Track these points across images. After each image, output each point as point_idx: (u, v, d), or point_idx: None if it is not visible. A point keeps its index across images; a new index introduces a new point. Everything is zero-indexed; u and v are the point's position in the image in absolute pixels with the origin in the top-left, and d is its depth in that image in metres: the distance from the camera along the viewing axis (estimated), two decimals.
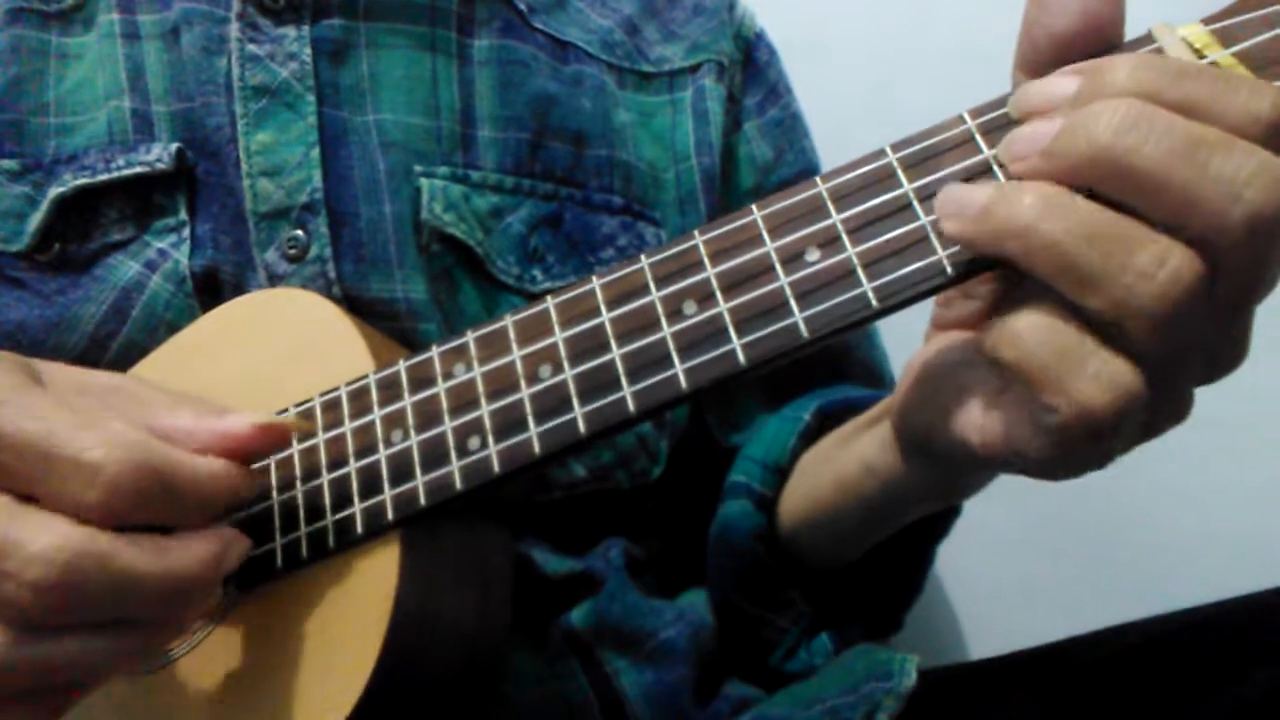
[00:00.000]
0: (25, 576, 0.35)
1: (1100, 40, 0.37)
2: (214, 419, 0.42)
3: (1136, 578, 0.78)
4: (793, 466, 0.62)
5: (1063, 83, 0.36)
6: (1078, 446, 0.35)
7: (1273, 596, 0.48)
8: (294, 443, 0.46)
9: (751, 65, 0.73)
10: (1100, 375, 0.33)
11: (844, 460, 0.56)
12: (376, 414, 0.45)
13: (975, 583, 0.84)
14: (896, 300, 0.37)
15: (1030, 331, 0.35)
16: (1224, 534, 0.76)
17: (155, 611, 0.39)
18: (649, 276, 0.42)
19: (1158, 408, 0.36)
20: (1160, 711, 0.46)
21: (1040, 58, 0.38)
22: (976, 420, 0.40)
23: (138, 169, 0.56)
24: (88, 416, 0.38)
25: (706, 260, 0.41)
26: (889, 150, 0.39)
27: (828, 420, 0.63)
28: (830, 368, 0.69)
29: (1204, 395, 0.38)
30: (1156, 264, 0.32)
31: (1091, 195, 0.34)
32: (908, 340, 0.52)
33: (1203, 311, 0.33)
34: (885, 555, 0.61)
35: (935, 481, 0.49)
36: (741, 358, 0.39)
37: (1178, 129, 0.32)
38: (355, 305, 0.56)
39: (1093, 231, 0.33)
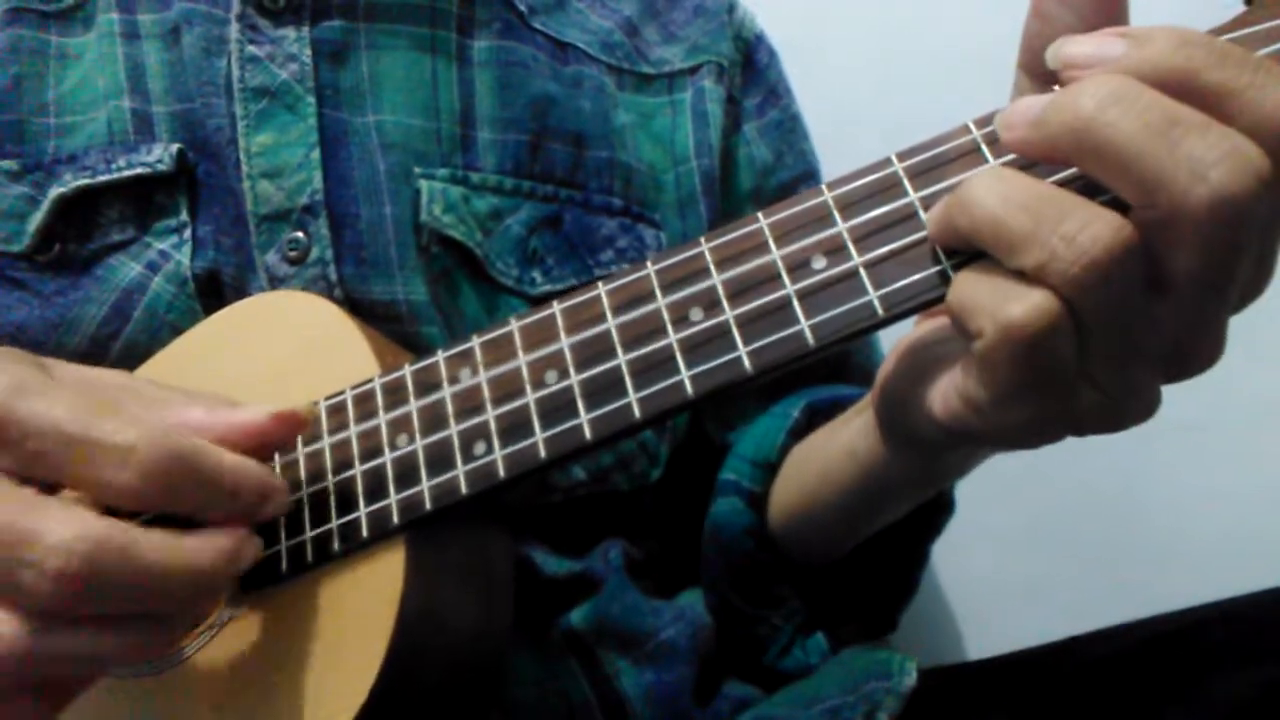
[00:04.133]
0: (46, 566, 0.35)
1: None
2: (228, 411, 0.42)
3: (1136, 578, 0.78)
4: (782, 462, 0.62)
5: (1109, 45, 0.35)
6: (1003, 375, 0.36)
7: (1273, 596, 0.48)
8: (299, 446, 0.46)
9: (751, 67, 0.73)
10: (1023, 299, 0.34)
11: (829, 450, 0.56)
12: (382, 418, 0.45)
13: (975, 583, 0.84)
14: (902, 309, 0.38)
15: (967, 277, 0.36)
16: (1224, 534, 0.76)
17: (170, 606, 0.39)
18: (655, 283, 0.42)
19: (1117, 396, 0.36)
20: (1160, 711, 0.47)
21: (1042, 66, 0.38)
22: (941, 386, 0.40)
23: (138, 169, 0.56)
24: (110, 405, 0.38)
25: (713, 267, 0.41)
26: (895, 159, 0.39)
27: (817, 416, 0.63)
28: (828, 369, 0.69)
29: (1204, 396, 0.38)
30: (1078, 227, 0.33)
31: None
32: None
33: (1137, 282, 0.34)
34: (879, 553, 0.61)
35: (913, 463, 0.49)
36: (748, 365, 0.39)
37: (1157, 107, 0.32)
38: (356, 307, 0.56)
39: (1027, 199, 0.34)
